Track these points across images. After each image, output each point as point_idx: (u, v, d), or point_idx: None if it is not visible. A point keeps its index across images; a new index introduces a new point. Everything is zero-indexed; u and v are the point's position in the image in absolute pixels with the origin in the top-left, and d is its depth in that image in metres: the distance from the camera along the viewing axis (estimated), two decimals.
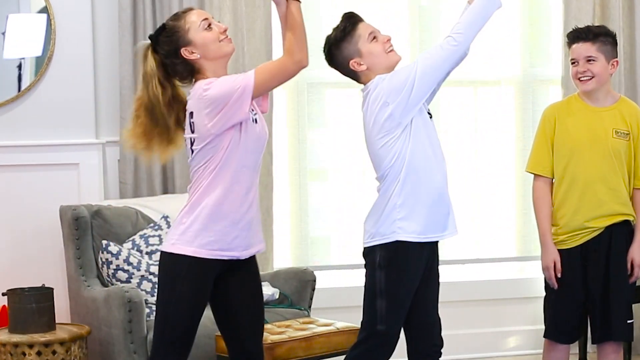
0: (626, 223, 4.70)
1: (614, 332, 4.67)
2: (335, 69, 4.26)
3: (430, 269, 4.23)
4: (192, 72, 3.90)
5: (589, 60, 4.55)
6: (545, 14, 6.65)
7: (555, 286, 4.66)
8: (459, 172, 6.50)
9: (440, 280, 4.59)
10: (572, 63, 4.63)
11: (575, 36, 4.66)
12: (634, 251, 4.65)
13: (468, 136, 6.67)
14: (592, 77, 4.54)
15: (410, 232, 4.11)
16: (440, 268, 4.63)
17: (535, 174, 4.72)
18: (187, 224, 3.89)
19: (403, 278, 4.15)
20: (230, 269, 3.90)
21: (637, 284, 5.08)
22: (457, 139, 6.56)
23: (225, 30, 3.91)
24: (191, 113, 3.82)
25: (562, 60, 6.32)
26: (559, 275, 4.66)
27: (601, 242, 4.63)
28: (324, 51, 4.25)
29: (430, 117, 4.25)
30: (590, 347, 5.53)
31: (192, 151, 3.89)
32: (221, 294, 3.99)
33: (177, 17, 3.95)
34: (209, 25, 3.86)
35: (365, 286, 4.25)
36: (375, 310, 4.15)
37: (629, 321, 4.69)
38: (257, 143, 3.86)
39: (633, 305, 4.98)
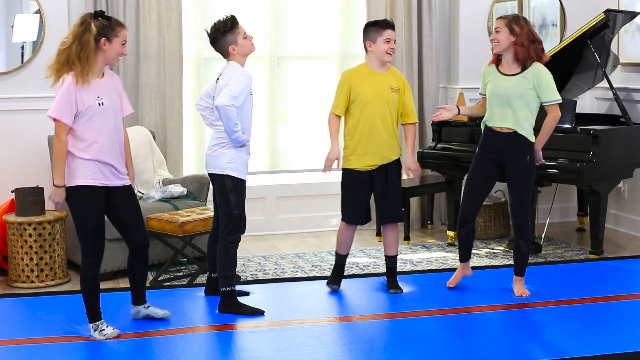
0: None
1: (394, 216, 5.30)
2: (215, 48, 4.89)
3: None
4: None
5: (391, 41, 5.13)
6: (355, 8, 7.48)
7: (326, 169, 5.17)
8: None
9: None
10: (388, 41, 5.11)
11: (386, 23, 5.17)
12: (408, 161, 5.25)
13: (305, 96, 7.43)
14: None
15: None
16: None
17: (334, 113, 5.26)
18: None
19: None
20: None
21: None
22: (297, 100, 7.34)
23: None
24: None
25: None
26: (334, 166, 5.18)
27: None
28: (211, 35, 4.79)
29: None
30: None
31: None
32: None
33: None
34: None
35: (219, 190, 4.94)
36: (229, 202, 4.97)
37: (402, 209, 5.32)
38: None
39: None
